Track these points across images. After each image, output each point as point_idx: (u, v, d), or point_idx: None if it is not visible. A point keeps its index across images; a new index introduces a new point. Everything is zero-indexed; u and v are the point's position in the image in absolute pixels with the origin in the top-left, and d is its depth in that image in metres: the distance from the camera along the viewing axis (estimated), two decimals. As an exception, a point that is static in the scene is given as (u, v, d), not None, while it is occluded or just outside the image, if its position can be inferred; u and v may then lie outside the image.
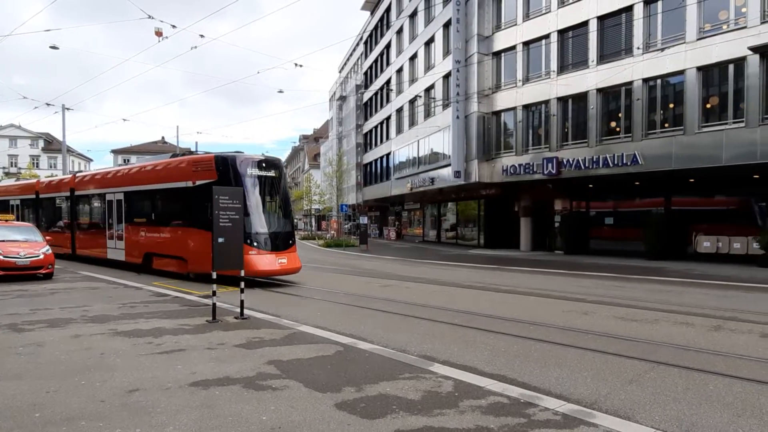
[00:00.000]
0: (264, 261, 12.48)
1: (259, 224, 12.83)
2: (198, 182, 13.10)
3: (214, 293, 8.31)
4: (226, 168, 12.78)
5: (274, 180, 13.53)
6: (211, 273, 8.19)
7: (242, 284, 8.70)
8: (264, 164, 13.28)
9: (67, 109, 31.32)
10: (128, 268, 16.25)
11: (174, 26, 18.75)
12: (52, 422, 4.04)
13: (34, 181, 24.73)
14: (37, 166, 66.49)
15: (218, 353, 6.15)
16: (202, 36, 30.67)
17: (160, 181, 14.68)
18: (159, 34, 18.49)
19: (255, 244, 12.44)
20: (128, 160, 68.27)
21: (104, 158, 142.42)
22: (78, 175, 20.58)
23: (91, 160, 79.42)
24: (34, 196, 22.82)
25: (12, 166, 67.28)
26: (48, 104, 30.55)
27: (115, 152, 77.48)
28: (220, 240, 8.19)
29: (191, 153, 15.90)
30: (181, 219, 13.99)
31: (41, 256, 13.51)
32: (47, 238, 16.60)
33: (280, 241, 13.16)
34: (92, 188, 18.75)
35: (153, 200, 15.23)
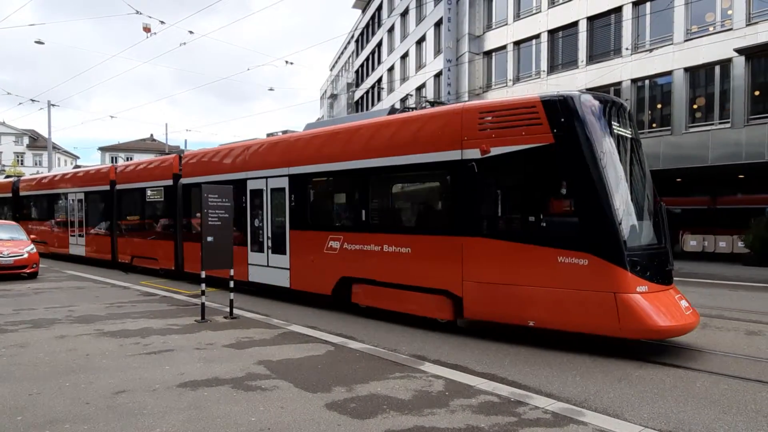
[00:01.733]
0: (665, 308, 6.17)
1: (635, 228, 6.68)
2: (496, 150, 6.92)
3: (203, 293, 8.22)
4: (570, 119, 6.42)
5: (637, 144, 7.33)
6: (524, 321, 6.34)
7: (231, 283, 8.62)
8: (626, 114, 7.28)
9: (53, 105, 30.85)
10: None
11: (163, 22, 18.55)
12: (35, 425, 3.96)
13: (107, 166, 18.24)
14: (22, 164, 65.48)
15: (207, 353, 6.08)
16: (191, 32, 30.28)
17: (383, 152, 8.37)
18: (147, 30, 18.26)
19: (640, 269, 6.21)
20: (116, 159, 67.47)
21: (91, 156, 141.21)
22: (187, 154, 13.92)
23: (78, 157, 78.45)
24: (107, 188, 16.69)
25: (-4, 163, 66.22)
26: (33, 100, 30.05)
27: (103, 149, 76.55)
28: (209, 239, 8.12)
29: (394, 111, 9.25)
30: (440, 220, 7.90)
31: (25, 255, 13.29)
32: (121, 244, 14.61)
33: (670, 263, 6.92)
34: (215, 173, 12.04)
35: (364, 187, 8.78)
